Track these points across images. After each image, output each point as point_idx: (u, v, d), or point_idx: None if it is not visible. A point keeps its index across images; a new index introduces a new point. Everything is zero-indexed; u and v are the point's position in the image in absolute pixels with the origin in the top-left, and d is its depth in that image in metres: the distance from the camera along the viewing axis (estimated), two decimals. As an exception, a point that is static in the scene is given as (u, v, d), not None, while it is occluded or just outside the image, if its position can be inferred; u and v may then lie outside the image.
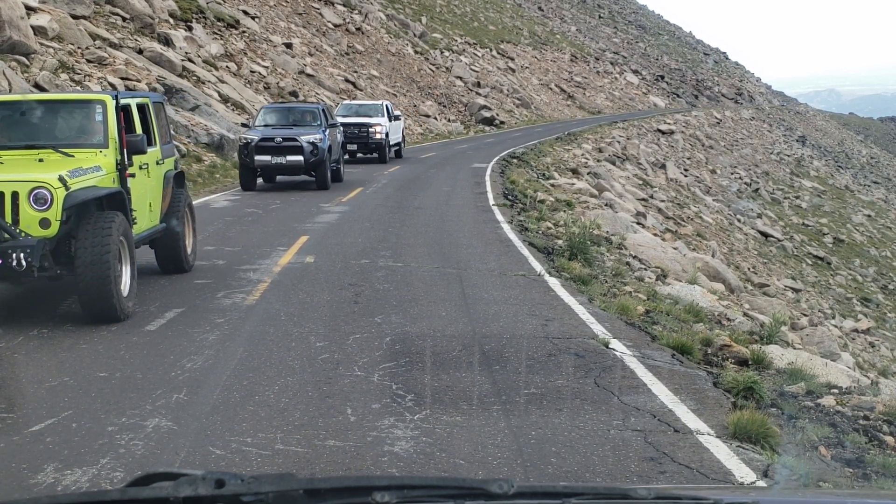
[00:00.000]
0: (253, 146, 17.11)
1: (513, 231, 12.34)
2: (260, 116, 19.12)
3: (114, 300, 6.75)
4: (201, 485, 1.26)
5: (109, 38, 23.74)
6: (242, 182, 17.59)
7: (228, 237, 11.67)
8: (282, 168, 17.56)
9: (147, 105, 8.71)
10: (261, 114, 19.35)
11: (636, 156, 44.33)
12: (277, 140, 17.22)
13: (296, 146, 17.18)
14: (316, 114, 18.59)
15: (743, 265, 30.08)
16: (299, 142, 17.18)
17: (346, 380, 5.46)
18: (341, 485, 1.34)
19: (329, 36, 44.85)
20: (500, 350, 6.14)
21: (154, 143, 8.65)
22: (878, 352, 24.99)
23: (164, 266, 9.01)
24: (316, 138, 17.31)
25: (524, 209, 14.86)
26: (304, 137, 17.25)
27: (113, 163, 7.52)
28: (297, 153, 17.19)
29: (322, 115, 18.49)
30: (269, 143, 17.19)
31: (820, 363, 9.32)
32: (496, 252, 10.63)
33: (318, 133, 17.53)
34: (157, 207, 8.63)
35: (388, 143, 25.98)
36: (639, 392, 5.22)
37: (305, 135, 17.35)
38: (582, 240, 10.49)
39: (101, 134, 7.58)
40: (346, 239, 11.53)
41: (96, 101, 7.72)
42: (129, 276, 7.15)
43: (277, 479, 1.30)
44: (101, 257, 6.64)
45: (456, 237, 11.81)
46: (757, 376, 5.76)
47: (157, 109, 9.00)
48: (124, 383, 5.40)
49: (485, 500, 1.33)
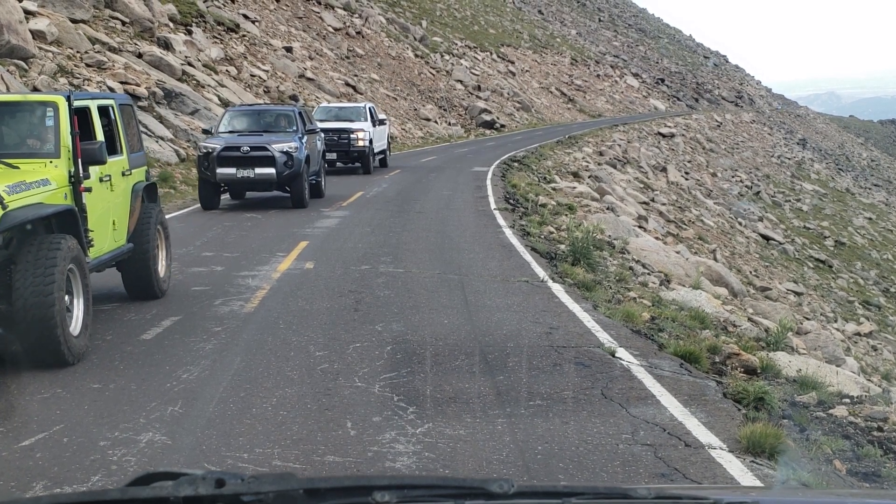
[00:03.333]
0: (215, 156, 14.47)
1: (515, 235, 12.20)
2: (225, 121, 16.13)
3: (60, 343, 5.67)
4: (201, 484, 1.27)
5: (109, 43, 23.64)
6: (202, 199, 14.97)
7: (227, 243, 11.53)
8: (249, 183, 14.86)
9: (112, 108, 7.61)
10: (225, 118, 16.28)
11: (637, 159, 44.25)
12: (244, 149, 14.59)
13: (266, 156, 14.57)
14: (291, 118, 15.88)
15: (745, 268, 29.95)
16: (270, 151, 14.60)
17: (346, 391, 5.31)
18: (341, 484, 1.34)
19: (329, 40, 44.77)
20: (503, 360, 5.99)
21: (120, 151, 7.59)
22: (881, 355, 24.85)
23: (132, 291, 7.87)
24: (290, 147, 14.78)
25: (526, 213, 14.72)
26: (276, 146, 14.71)
27: (65, 175, 6.42)
28: (267, 164, 14.56)
29: (299, 119, 15.87)
30: (234, 153, 14.56)
31: (828, 370, 9.17)
32: (498, 257, 10.49)
33: (294, 141, 15.02)
34: (123, 225, 7.55)
35: (371, 152, 23.00)
36: (647, 404, 5.07)
37: (278, 143, 14.82)
38: (585, 244, 10.36)
39: (52, 142, 6.52)
40: (347, 244, 11.39)
41: (46, 104, 6.64)
42: (82, 310, 6.11)
43: (277, 478, 1.30)
44: (43, 291, 5.59)
45: (457, 242, 11.67)
46: (767, 386, 5.61)
47: (125, 113, 7.94)
48: (118, 395, 5.26)
49: (485, 500, 1.33)
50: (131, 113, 8.19)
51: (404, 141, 37.80)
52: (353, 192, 17.71)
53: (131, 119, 8.14)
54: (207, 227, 13.03)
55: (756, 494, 1.92)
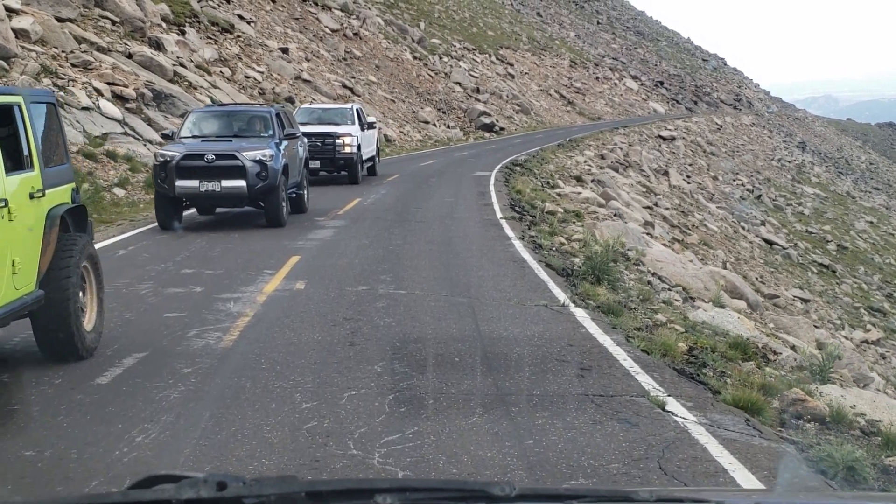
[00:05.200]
0: (173, 166, 12.21)
1: (525, 249, 11.15)
2: (188, 123, 13.67)
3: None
4: (203, 487, 1.27)
5: (98, 42, 22.59)
6: (159, 217, 12.64)
7: (211, 258, 10.45)
8: (215, 197, 12.63)
9: (17, 107, 5.72)
10: (189, 119, 13.80)
11: (638, 162, 43.52)
12: (209, 157, 12.31)
13: (235, 166, 12.36)
14: (267, 120, 13.54)
15: (751, 275, 29.20)
16: (240, 160, 12.40)
17: (339, 462, 4.25)
18: (343, 487, 1.33)
19: (326, 41, 43.78)
20: (531, 416, 4.91)
21: (28, 165, 5.71)
22: (890, 363, 24.06)
23: (44, 349, 5.92)
24: (265, 155, 12.53)
25: (534, 222, 13.67)
26: (247, 153, 12.49)
27: None
28: (236, 176, 12.35)
29: (276, 121, 13.55)
30: (197, 163, 12.28)
31: (885, 405, 8.18)
32: (510, 275, 9.44)
33: (269, 147, 12.73)
34: (30, 265, 5.58)
35: (359, 159, 20.29)
36: (719, 483, 4.01)
37: (250, 149, 12.59)
38: (604, 260, 9.29)
39: None
40: (342, 260, 10.31)
41: None
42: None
43: (279, 481, 1.31)
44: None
45: (464, 257, 10.61)
46: (856, 451, 4.57)
47: (49, 114, 6.22)
48: (52, 468, 4.20)
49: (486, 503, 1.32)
50: (53, 114, 6.36)
51: (402, 144, 36.75)
52: (350, 200, 16.61)
53: (53, 122, 6.33)
54: (191, 239, 11.95)
55: (758, 497, 1.84)
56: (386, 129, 36.22)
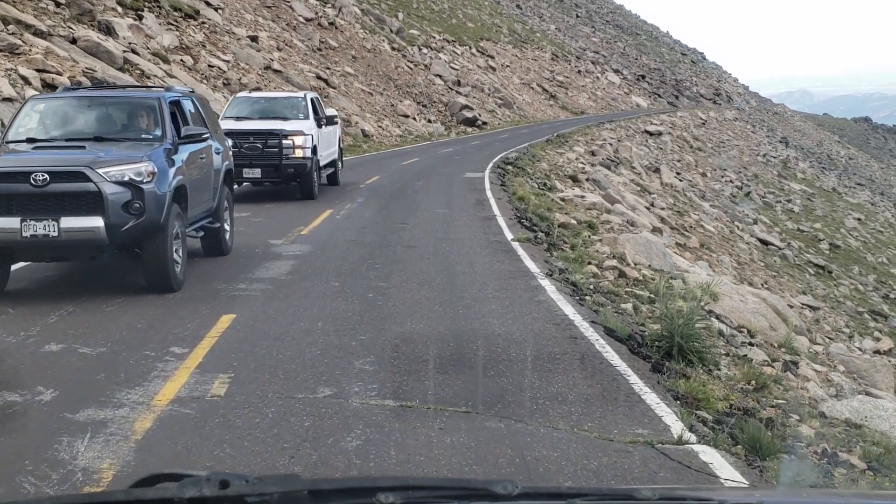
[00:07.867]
0: None
1: (562, 295, 7.99)
2: (21, 118, 8.57)
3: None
4: (206, 486, 1.26)
5: (36, 25, 19.96)
6: None
7: (88, 327, 6.58)
8: (50, 246, 7.52)
9: None
10: (23, 112, 8.68)
11: (629, 159, 41.67)
12: (38, 177, 7.33)
13: (85, 192, 7.42)
14: (154, 112, 8.58)
15: (755, 280, 27.42)
16: (93, 181, 7.41)
17: None
18: (345, 485, 1.32)
19: (300, 30, 41.20)
20: None
21: None
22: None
23: None
24: (139, 172, 7.60)
25: (552, 244, 11.09)
26: (108, 169, 7.51)
27: None
28: (87, 209, 7.43)
29: (166, 114, 8.59)
30: (17, 188, 7.39)
31: None
32: (561, 360, 6.04)
33: (147, 159, 7.74)
34: None
35: (316, 165, 15.46)
36: None
37: (115, 163, 7.61)
38: (688, 328, 6.28)
39: None
40: (298, 323, 6.84)
41: None
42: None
43: (282, 479, 1.29)
44: None
45: (480, 317, 7.21)
46: None
47: None
48: None
49: (489, 502, 1.31)
50: None
51: (381, 140, 34.29)
52: (320, 213, 13.48)
53: None
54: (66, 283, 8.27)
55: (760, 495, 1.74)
56: (363, 124, 33.78)
